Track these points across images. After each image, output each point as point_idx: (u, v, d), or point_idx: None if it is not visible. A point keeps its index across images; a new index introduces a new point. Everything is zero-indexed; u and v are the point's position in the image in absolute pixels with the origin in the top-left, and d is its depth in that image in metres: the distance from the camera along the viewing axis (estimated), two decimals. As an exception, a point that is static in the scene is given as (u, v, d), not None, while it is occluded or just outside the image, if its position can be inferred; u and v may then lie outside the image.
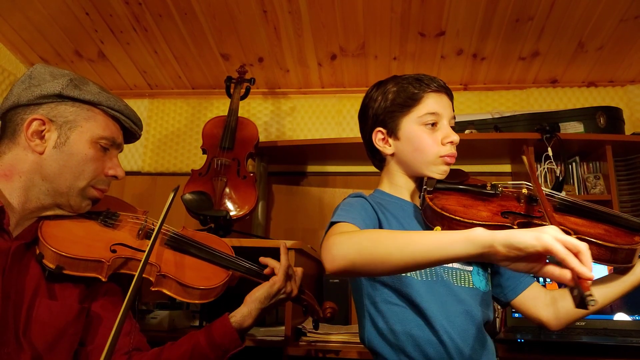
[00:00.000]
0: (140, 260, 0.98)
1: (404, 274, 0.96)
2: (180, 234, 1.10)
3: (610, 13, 1.84)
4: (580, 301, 0.64)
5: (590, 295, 0.63)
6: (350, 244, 0.80)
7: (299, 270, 1.13)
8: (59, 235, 0.97)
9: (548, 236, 0.67)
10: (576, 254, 0.67)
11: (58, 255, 0.94)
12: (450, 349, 0.92)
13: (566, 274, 0.68)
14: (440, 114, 1.03)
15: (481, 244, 0.70)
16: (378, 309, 0.98)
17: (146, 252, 0.93)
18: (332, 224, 0.92)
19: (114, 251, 1.00)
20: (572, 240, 0.67)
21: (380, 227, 0.99)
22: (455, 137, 1.02)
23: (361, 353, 1.49)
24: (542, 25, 1.91)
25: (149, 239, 1.04)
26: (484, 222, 0.89)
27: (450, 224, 0.91)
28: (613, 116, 1.99)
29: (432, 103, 1.03)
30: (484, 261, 0.71)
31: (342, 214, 0.95)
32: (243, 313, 1.04)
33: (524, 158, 1.10)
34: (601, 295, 0.96)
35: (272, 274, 1.08)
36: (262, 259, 1.11)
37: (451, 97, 1.08)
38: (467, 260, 0.74)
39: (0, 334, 0.85)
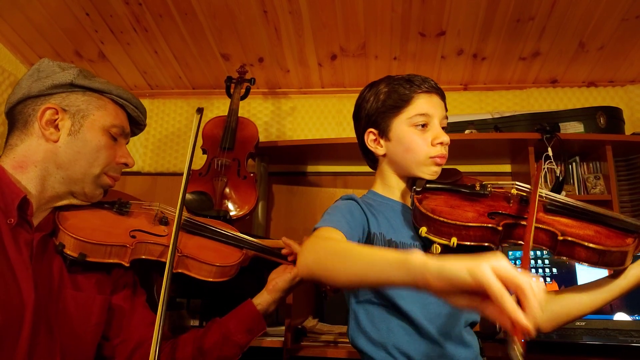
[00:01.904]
0: (159, 244, 1.01)
1: None
2: (194, 219, 1.14)
3: (611, 12, 1.83)
4: (509, 347, 0.56)
5: (515, 345, 0.54)
6: (312, 253, 0.82)
7: None
8: (77, 223, 0.98)
9: (487, 269, 0.56)
10: (517, 293, 0.57)
11: (81, 243, 0.95)
12: (430, 348, 0.93)
13: (505, 318, 0.56)
14: (431, 114, 1.03)
15: (412, 273, 0.63)
16: (363, 308, 0.99)
17: (172, 237, 0.95)
18: (315, 229, 0.93)
19: (133, 237, 1.02)
20: (515, 277, 0.56)
21: (369, 228, 1.00)
22: (446, 138, 1.02)
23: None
24: (543, 25, 1.91)
25: (164, 225, 1.08)
26: (469, 223, 0.89)
27: (435, 225, 0.91)
28: (613, 116, 1.99)
29: (423, 104, 1.04)
30: (422, 291, 0.65)
31: (327, 219, 0.96)
32: (267, 300, 1.10)
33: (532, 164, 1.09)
34: (592, 298, 0.95)
35: (290, 254, 1.14)
36: (285, 240, 1.16)
37: (443, 98, 1.08)
38: (403, 286, 0.67)
39: (33, 324, 0.87)
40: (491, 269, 0.56)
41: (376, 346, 0.96)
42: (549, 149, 1.88)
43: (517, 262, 1.76)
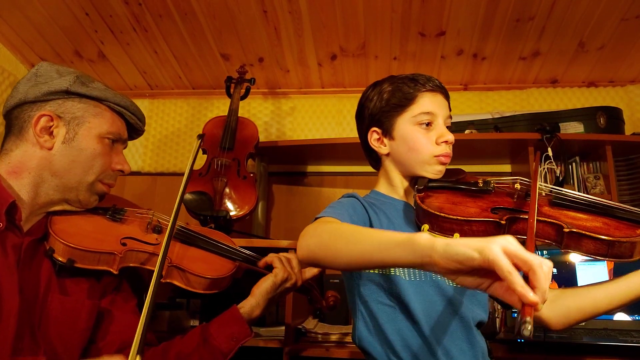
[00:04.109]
0: (150, 253, 1.00)
1: (392, 273, 0.96)
2: (188, 228, 1.13)
3: (611, 12, 1.83)
4: (517, 326, 0.55)
5: (525, 322, 0.53)
6: (314, 235, 0.82)
7: (291, 256, 1.15)
8: (69, 229, 0.98)
9: (496, 247, 0.57)
10: (527, 272, 0.57)
11: (70, 249, 0.95)
12: (437, 349, 0.92)
13: (512, 295, 0.57)
14: (435, 113, 1.03)
15: (419, 251, 0.64)
16: (369, 308, 0.98)
17: (163, 246, 0.93)
18: (317, 218, 0.93)
19: (124, 244, 1.01)
20: (524, 255, 0.57)
21: (371, 226, 1.00)
22: (450, 137, 1.02)
23: (360, 353, 1.49)
24: (542, 24, 1.91)
25: (157, 233, 1.06)
26: (471, 219, 0.88)
27: (437, 222, 0.91)
28: (613, 116, 1.99)
29: (427, 102, 1.03)
30: (428, 271, 0.68)
31: (329, 211, 0.96)
32: (252, 304, 1.07)
33: (532, 160, 1.08)
34: (608, 296, 0.94)
35: (272, 266, 1.12)
36: (261, 262, 1.14)
37: (447, 97, 1.08)
38: (410, 266, 0.68)
39: (17, 328, 0.86)
40: (500, 247, 0.57)
41: (383, 347, 0.96)
42: (549, 149, 1.88)
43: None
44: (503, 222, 0.88)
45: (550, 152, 1.88)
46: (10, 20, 2.04)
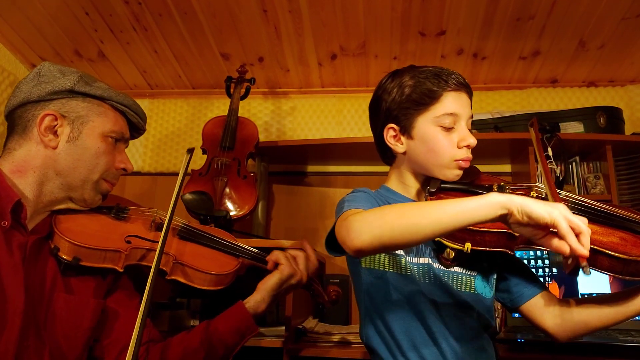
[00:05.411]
0: (155, 251, 0.99)
1: (404, 273, 0.95)
2: (191, 225, 1.13)
3: (612, 11, 1.83)
4: (574, 269, 0.71)
5: (585, 266, 0.70)
6: (373, 219, 0.79)
7: (296, 253, 1.15)
8: (74, 228, 0.98)
9: (557, 212, 0.72)
10: (578, 234, 0.72)
11: (75, 247, 0.95)
12: (446, 352, 0.91)
13: (564, 247, 0.72)
14: (459, 114, 0.98)
15: (500, 205, 0.74)
16: (377, 308, 0.97)
17: (160, 240, 0.94)
18: (343, 212, 0.90)
19: (128, 242, 1.02)
20: (577, 221, 0.72)
21: None
22: (473, 141, 0.98)
23: (361, 353, 1.49)
24: (543, 24, 1.91)
25: (160, 231, 1.06)
26: (484, 230, 0.85)
27: None
28: (613, 116, 1.99)
29: (451, 103, 0.98)
30: (501, 221, 0.76)
31: (351, 204, 0.92)
32: (257, 299, 1.08)
33: (531, 130, 1.02)
34: (615, 311, 0.91)
35: (276, 265, 1.12)
36: (268, 257, 1.14)
37: (470, 95, 1.03)
38: (487, 222, 0.76)
39: (22, 326, 0.86)
40: (561, 213, 0.73)
41: (390, 347, 0.95)
42: (549, 149, 1.88)
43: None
44: (517, 234, 0.83)
45: (550, 152, 1.88)
46: (10, 20, 2.04)
